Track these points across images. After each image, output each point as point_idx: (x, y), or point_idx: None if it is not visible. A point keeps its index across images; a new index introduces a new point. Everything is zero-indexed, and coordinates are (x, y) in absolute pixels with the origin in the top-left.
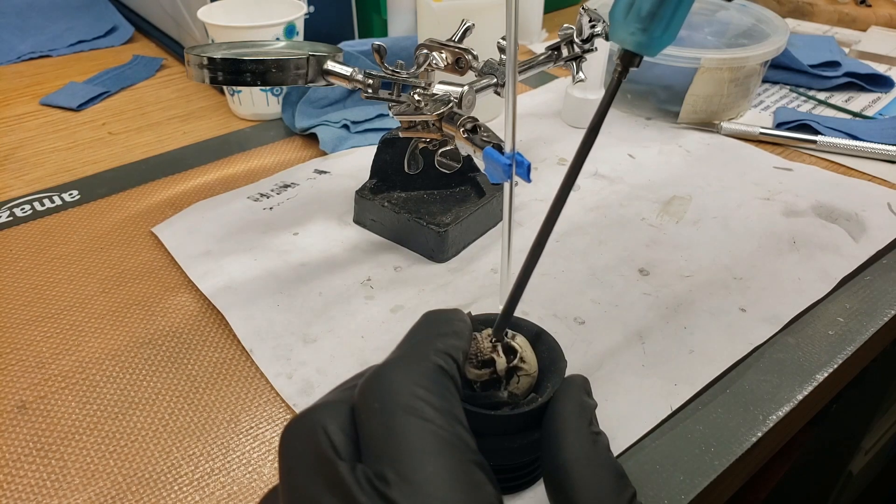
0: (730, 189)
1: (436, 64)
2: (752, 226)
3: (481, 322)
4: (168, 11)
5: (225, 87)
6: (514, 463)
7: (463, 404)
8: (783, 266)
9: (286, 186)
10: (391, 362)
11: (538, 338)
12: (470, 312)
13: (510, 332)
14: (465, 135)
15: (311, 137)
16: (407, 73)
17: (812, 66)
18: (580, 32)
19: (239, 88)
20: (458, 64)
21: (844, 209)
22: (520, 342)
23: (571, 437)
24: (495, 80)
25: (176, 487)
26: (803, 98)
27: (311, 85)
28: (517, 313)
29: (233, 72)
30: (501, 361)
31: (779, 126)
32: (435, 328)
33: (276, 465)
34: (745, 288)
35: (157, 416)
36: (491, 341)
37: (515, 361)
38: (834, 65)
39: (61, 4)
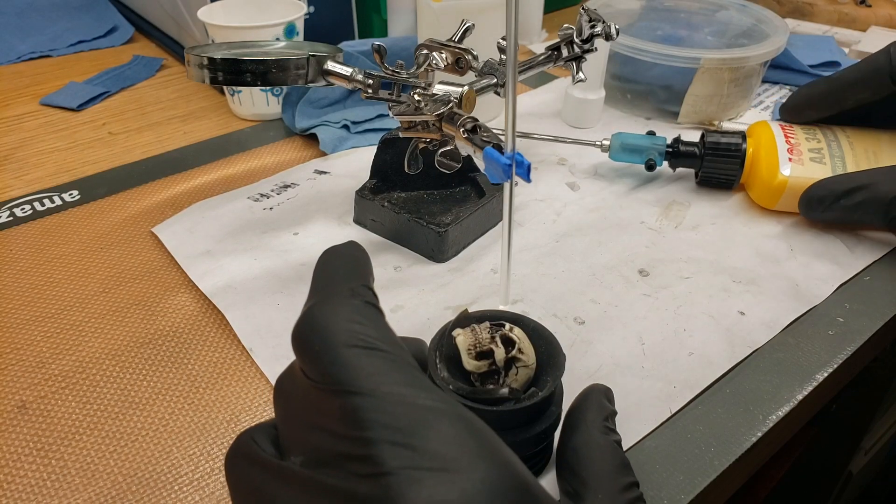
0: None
1: (436, 64)
2: (750, 231)
3: (478, 319)
4: (168, 11)
5: (225, 88)
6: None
7: (463, 401)
8: (781, 272)
9: (286, 186)
10: (318, 305)
11: (535, 333)
12: (467, 309)
13: (507, 325)
14: (465, 135)
15: (311, 137)
16: (407, 73)
17: (812, 66)
18: (580, 32)
19: (239, 88)
20: (458, 64)
21: None
22: (517, 334)
23: (585, 425)
24: (495, 80)
25: (176, 487)
26: None
27: (311, 85)
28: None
29: (233, 72)
30: (500, 352)
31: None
32: (340, 264)
33: None
34: (744, 291)
35: (157, 416)
36: (489, 332)
37: (514, 352)
38: (834, 65)
39: (61, 4)
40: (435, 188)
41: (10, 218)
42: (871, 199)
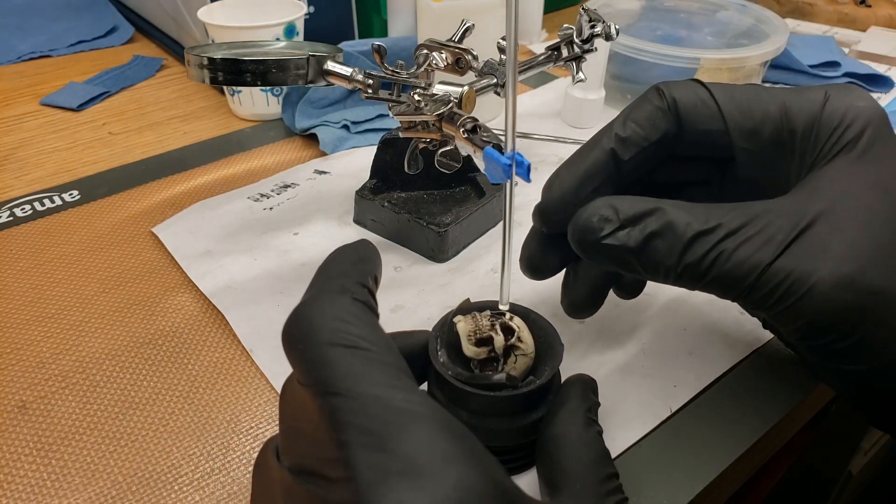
0: None
1: (436, 64)
2: None
3: (478, 308)
4: (168, 11)
5: (225, 88)
6: (512, 444)
7: (462, 385)
8: None
9: (286, 187)
10: (306, 302)
11: (534, 323)
12: (468, 299)
13: (507, 314)
14: (465, 135)
15: (311, 138)
16: (407, 74)
17: (812, 67)
18: (580, 32)
19: (239, 89)
20: (458, 64)
21: None
22: (517, 323)
23: (566, 416)
24: (495, 80)
25: (176, 487)
26: None
27: (311, 85)
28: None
29: (233, 72)
30: (500, 339)
31: None
32: (342, 261)
33: None
34: None
35: (157, 416)
36: (489, 320)
37: (513, 340)
38: (834, 65)
39: (61, 4)
40: (435, 188)
41: (10, 218)
42: (666, 229)
